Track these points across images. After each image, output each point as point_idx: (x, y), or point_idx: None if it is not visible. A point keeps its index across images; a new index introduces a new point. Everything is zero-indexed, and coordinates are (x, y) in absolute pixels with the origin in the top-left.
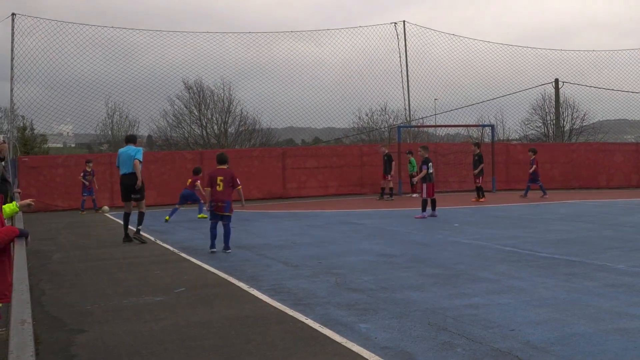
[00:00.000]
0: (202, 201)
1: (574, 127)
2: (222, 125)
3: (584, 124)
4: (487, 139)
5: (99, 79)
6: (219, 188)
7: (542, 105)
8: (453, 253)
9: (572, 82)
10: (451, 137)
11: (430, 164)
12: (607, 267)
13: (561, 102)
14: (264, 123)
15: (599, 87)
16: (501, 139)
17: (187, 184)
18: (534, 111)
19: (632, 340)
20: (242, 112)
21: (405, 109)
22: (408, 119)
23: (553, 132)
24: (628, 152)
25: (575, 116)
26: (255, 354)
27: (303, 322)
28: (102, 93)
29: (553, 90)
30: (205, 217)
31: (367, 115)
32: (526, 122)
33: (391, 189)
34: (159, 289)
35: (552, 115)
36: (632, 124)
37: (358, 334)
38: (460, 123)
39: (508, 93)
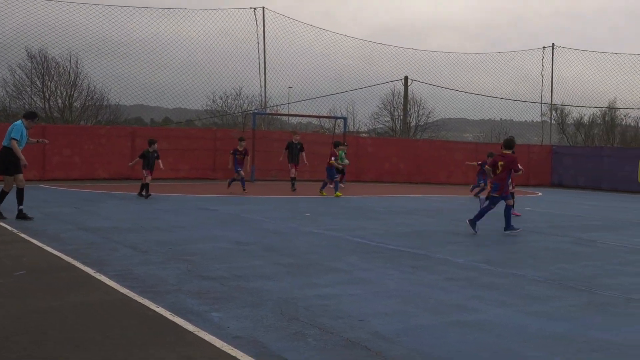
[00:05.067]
0: None
1: (420, 123)
2: (67, 99)
3: (429, 121)
4: (338, 131)
5: None
6: None
7: (392, 100)
8: (306, 243)
9: (420, 80)
10: (303, 126)
11: None
12: (448, 260)
13: (409, 99)
14: (112, 99)
15: (444, 87)
16: (352, 131)
17: None
18: (383, 106)
19: (470, 333)
20: (89, 87)
21: (260, 95)
22: (263, 105)
23: (400, 128)
24: (467, 151)
25: (421, 113)
26: (102, 343)
27: (153, 311)
28: None
29: (402, 87)
30: None
31: (221, 98)
32: (375, 116)
33: (293, 178)
34: None
35: (400, 111)
36: (471, 123)
37: (210, 323)
38: (313, 113)
39: (360, 87)
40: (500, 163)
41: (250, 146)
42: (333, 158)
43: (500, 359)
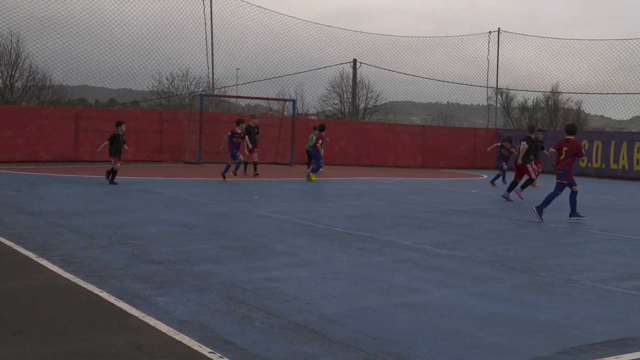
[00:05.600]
0: None
1: (368, 106)
2: (8, 79)
3: (377, 104)
4: (286, 113)
5: None
6: None
7: (340, 83)
8: (253, 226)
9: (368, 63)
10: (252, 108)
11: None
12: (395, 242)
13: (358, 81)
14: (55, 80)
15: (393, 70)
16: (300, 113)
17: None
18: (332, 88)
19: (417, 314)
20: (31, 67)
21: (208, 76)
22: (211, 87)
23: (349, 110)
24: (415, 134)
25: (369, 96)
26: (46, 328)
27: (98, 295)
28: None
29: (351, 70)
30: None
31: (167, 79)
32: (324, 99)
33: (256, 162)
34: None
35: (348, 94)
36: (419, 106)
37: (156, 307)
38: (262, 95)
39: (309, 69)
40: (564, 149)
41: (196, 128)
42: (320, 141)
43: (445, 339)
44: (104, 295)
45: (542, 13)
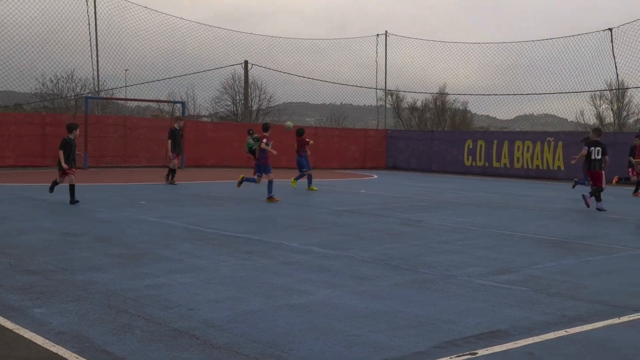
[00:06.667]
0: None
1: (261, 107)
2: None
3: (270, 105)
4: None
5: None
6: None
7: (232, 84)
8: (138, 232)
9: (260, 65)
10: (142, 110)
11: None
12: (282, 245)
13: (250, 83)
14: None
15: (285, 71)
16: (193, 115)
17: None
18: (224, 90)
19: (299, 315)
20: None
21: (93, 78)
22: (97, 89)
23: (242, 112)
24: (307, 135)
25: (262, 97)
26: None
27: None
28: None
29: (243, 72)
30: None
31: (52, 81)
32: (217, 101)
33: (173, 170)
34: None
35: (241, 95)
36: (313, 107)
37: (32, 319)
38: (151, 97)
39: (199, 70)
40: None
41: (82, 132)
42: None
43: (325, 339)
44: None
45: (430, 17)
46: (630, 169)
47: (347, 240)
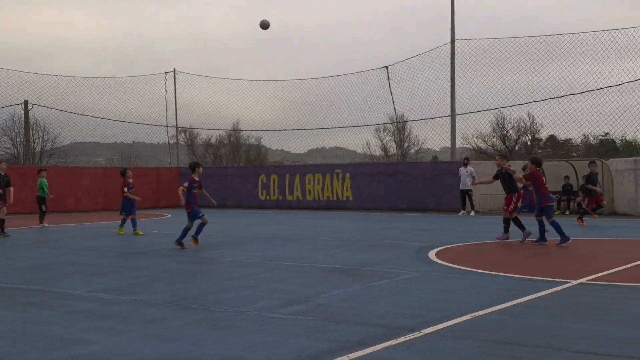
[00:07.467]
0: None
1: (45, 149)
2: None
3: (56, 146)
4: None
5: None
6: None
7: (12, 126)
8: None
9: (42, 105)
10: None
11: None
12: (66, 293)
13: (32, 123)
14: None
15: (70, 111)
16: None
17: None
18: (2, 132)
19: None
20: None
21: None
22: None
23: (23, 154)
24: (96, 176)
25: (46, 138)
26: None
27: None
28: None
29: (23, 112)
30: None
31: None
32: None
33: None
34: None
35: (22, 137)
36: (104, 146)
37: None
38: None
39: None
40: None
41: None
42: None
43: None
44: None
45: (218, 55)
46: (588, 199)
47: (137, 283)
